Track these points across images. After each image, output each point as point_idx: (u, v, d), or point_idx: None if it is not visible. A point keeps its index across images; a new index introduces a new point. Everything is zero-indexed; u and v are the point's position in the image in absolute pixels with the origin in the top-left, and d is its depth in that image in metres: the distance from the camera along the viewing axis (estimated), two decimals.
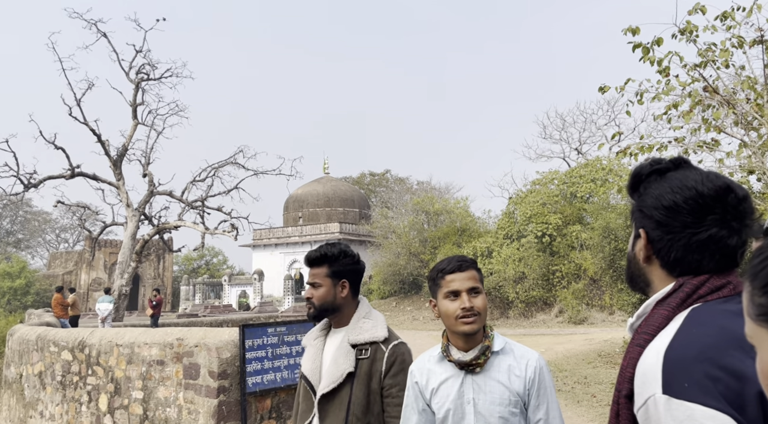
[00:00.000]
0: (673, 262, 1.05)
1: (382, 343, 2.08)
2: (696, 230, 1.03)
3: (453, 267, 1.86)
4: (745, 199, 1.05)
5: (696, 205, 1.04)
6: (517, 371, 1.75)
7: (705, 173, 1.08)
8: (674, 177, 1.08)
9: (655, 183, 1.10)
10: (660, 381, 0.88)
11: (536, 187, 26.27)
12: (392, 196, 45.28)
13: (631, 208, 1.17)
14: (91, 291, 39.74)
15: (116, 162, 22.24)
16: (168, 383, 6.30)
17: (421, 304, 29.12)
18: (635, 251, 1.13)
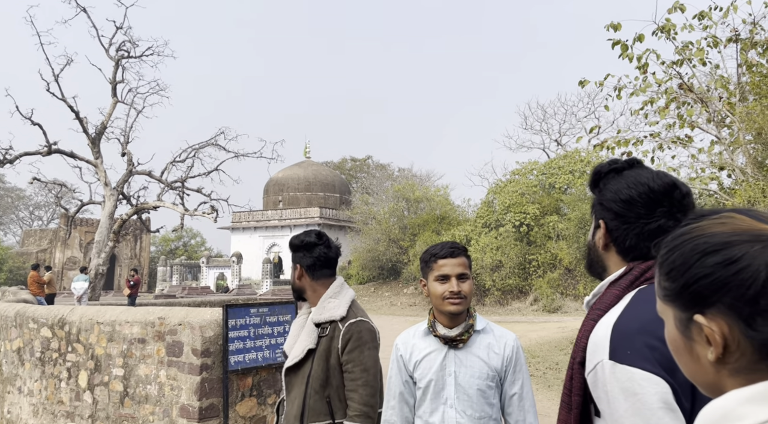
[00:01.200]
0: (628, 248, 1.22)
1: (339, 321, 2.22)
2: (648, 220, 1.20)
3: (445, 253, 2.00)
4: (688, 195, 1.22)
5: (648, 199, 1.21)
6: (496, 349, 1.92)
7: (655, 172, 1.25)
8: (629, 175, 1.25)
9: (613, 180, 1.27)
10: (608, 349, 1.04)
11: (515, 178, 26.58)
12: (373, 183, 45.35)
13: (592, 202, 1.34)
14: (65, 270, 39.25)
15: (95, 140, 21.92)
16: (149, 361, 6.38)
17: (399, 290, 29.39)
18: (595, 240, 1.30)
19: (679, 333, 0.73)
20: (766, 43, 7.13)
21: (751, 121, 5.85)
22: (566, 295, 22.69)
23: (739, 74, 7.14)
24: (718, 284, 0.66)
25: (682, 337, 0.73)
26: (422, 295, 27.20)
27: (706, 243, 0.68)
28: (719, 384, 0.68)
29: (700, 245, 0.69)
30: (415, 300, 27.52)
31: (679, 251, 0.71)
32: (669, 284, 0.73)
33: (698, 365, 0.71)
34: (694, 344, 0.71)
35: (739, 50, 7.27)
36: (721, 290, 0.66)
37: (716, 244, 0.67)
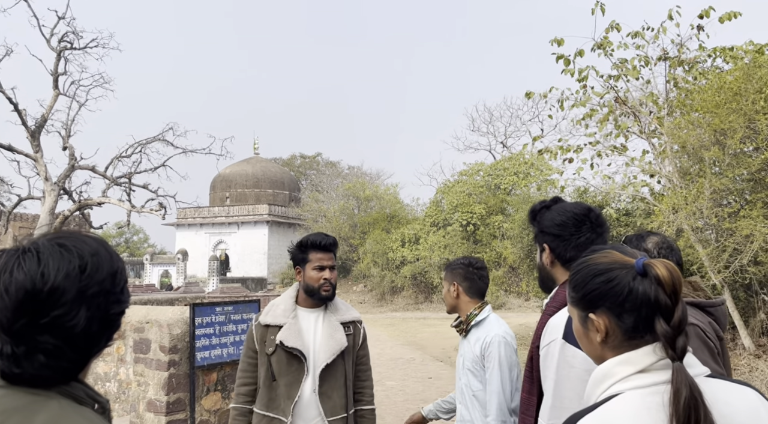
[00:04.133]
0: (569, 259, 1.64)
1: (358, 322, 2.55)
2: (579, 236, 1.65)
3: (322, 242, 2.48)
4: (601, 215, 1.72)
5: (575, 221, 1.67)
6: (480, 341, 2.33)
7: (574, 203, 1.75)
8: (556, 208, 1.73)
9: (546, 213, 1.74)
10: (562, 332, 1.44)
11: (463, 178, 27.34)
12: (323, 180, 45.39)
13: (534, 233, 1.78)
14: None
15: (34, 133, 21.11)
16: (108, 359, 6.45)
17: (349, 287, 29.66)
18: (543, 261, 1.74)
19: (580, 325, 1.11)
20: (692, 62, 7.84)
21: (676, 134, 6.48)
22: (510, 292, 23.59)
23: (667, 90, 7.82)
24: (602, 295, 1.03)
25: (582, 328, 1.10)
26: (372, 292, 27.62)
27: (595, 269, 1.06)
28: (603, 356, 1.06)
29: (591, 270, 1.07)
30: (364, 297, 27.88)
31: (580, 273, 1.09)
32: (574, 294, 1.10)
33: (592, 345, 1.09)
34: (588, 332, 1.08)
35: (668, 68, 7.95)
36: (603, 298, 1.03)
37: (601, 270, 1.05)
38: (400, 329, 17.19)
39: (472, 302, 2.46)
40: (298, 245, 2.49)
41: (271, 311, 2.46)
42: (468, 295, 2.47)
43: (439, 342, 13.92)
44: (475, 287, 2.48)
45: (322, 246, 2.42)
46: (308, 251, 2.43)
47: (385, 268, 26.39)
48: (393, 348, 12.90)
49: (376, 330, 17.06)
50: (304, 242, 2.47)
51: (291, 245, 2.57)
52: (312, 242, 2.43)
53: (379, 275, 26.32)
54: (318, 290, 2.39)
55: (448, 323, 12.88)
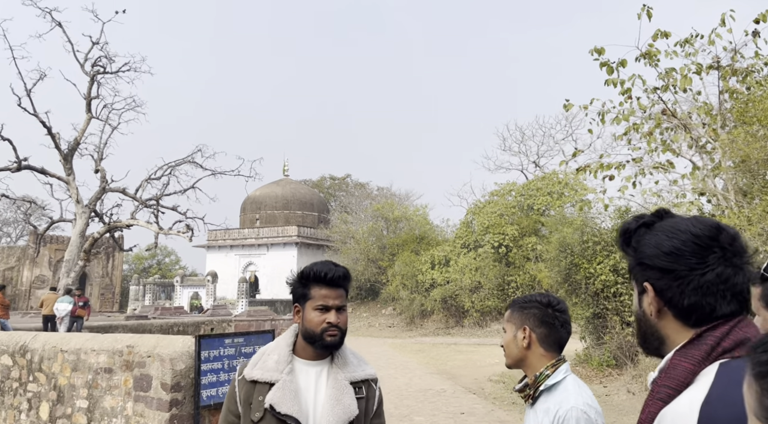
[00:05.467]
0: (687, 309, 1.03)
1: (373, 381, 1.95)
2: (702, 270, 1.02)
3: None
4: (737, 237, 1.07)
5: (696, 247, 1.04)
6: (551, 414, 1.72)
7: (691, 218, 1.10)
8: (663, 226, 1.09)
9: (647, 235, 1.10)
10: None
11: (494, 198, 26.66)
12: (352, 201, 45.17)
13: (629, 265, 1.15)
14: (33, 288, 38.06)
15: (67, 156, 21.39)
16: (116, 392, 6.03)
17: (378, 310, 29.08)
18: (643, 308, 1.10)
19: None
20: (746, 71, 7.20)
21: (735, 148, 5.84)
22: None
23: (720, 101, 7.17)
24: None
25: None
26: (401, 315, 26.95)
27: None
28: None
29: None
30: (393, 321, 27.23)
31: None
32: None
33: None
34: None
35: (720, 77, 7.31)
36: None
37: None
38: (430, 356, 16.51)
39: (547, 356, 1.81)
40: (298, 277, 1.91)
41: (261, 361, 1.87)
42: (543, 346, 1.82)
43: (472, 372, 13.21)
44: (553, 337, 1.83)
45: (328, 279, 1.84)
46: (310, 285, 1.86)
47: (414, 291, 25.75)
48: (422, 378, 12.26)
49: (405, 357, 16.43)
50: (306, 272, 1.88)
51: (291, 275, 2.00)
52: (315, 273, 1.85)
53: (409, 297, 25.69)
54: (321, 336, 1.82)
55: (481, 350, 12.20)
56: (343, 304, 1.88)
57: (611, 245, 11.52)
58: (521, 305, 1.89)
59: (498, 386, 11.07)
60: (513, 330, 1.87)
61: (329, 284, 1.86)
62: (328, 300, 1.84)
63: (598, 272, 11.30)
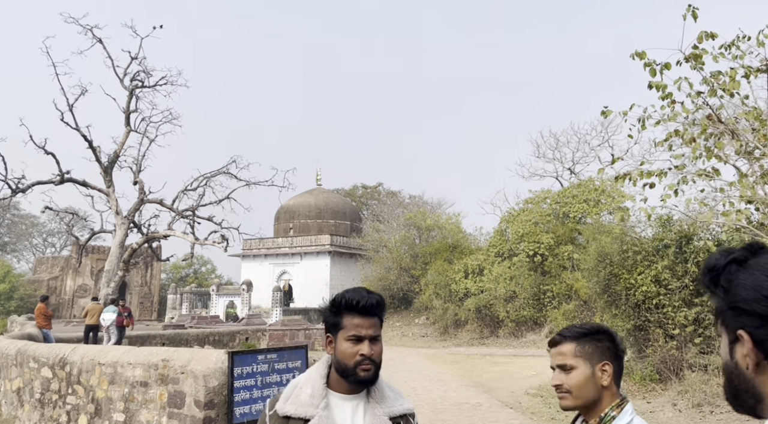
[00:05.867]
0: None
1: (411, 416, 1.84)
2: None
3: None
4: None
5: None
6: None
7: None
8: (761, 264, 0.92)
9: (741, 273, 0.94)
10: None
11: (528, 206, 26.23)
12: (384, 210, 45.16)
13: (716, 308, 0.99)
14: (76, 297, 39.15)
15: (107, 169, 21.97)
16: (151, 406, 6.05)
17: (411, 320, 28.87)
18: (736, 360, 0.94)
19: None
20: None
21: None
22: None
23: None
24: None
25: None
26: (434, 325, 26.70)
27: None
28: None
29: None
30: (426, 331, 26.98)
31: None
32: None
33: None
34: None
35: None
36: None
37: None
38: (465, 367, 16.24)
39: (614, 394, 1.62)
40: (330, 305, 1.81)
41: (293, 395, 1.77)
42: (615, 384, 1.63)
43: (508, 384, 12.92)
44: (619, 372, 1.65)
45: (360, 308, 1.74)
46: (342, 314, 1.75)
47: (447, 300, 25.48)
48: (457, 390, 12.04)
49: (440, 368, 16.21)
50: (338, 300, 1.78)
51: (323, 305, 1.87)
52: (348, 301, 1.75)
53: (442, 307, 25.43)
54: (354, 370, 1.72)
55: (517, 362, 11.93)
56: (378, 334, 1.77)
57: (652, 255, 11.13)
58: (594, 338, 1.66)
59: (536, 400, 10.79)
60: (588, 367, 1.62)
61: (362, 312, 1.74)
62: (360, 330, 1.73)
63: (639, 282, 10.92)
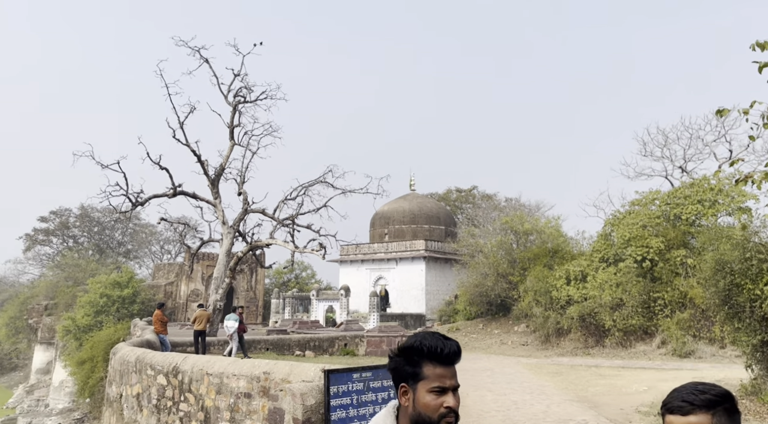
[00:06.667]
0: None
1: None
2: None
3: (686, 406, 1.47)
4: None
5: None
6: None
7: None
8: None
9: None
10: None
11: (635, 208, 24.67)
12: (479, 214, 44.41)
13: None
14: (189, 302, 41.94)
15: (214, 181, 23.35)
16: (255, 417, 6.26)
17: (510, 327, 28.13)
18: None
19: None
20: None
21: None
22: (699, 338, 20.38)
23: None
24: None
25: None
26: (535, 333, 25.83)
27: None
28: None
29: None
30: (527, 339, 26.15)
31: None
32: None
33: None
34: None
35: None
36: None
37: None
38: (569, 380, 15.50)
39: None
40: (406, 352, 1.66)
41: None
42: None
43: (617, 399, 12.16)
44: None
45: (444, 356, 1.63)
46: (422, 363, 1.63)
47: (548, 307, 24.54)
48: (561, 405, 11.49)
49: (541, 379, 15.59)
50: (416, 347, 1.64)
51: (393, 351, 1.71)
52: (430, 348, 1.63)
53: (542, 315, 24.52)
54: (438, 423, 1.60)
55: (626, 375, 11.17)
56: (458, 384, 1.66)
57: None
58: (724, 406, 1.45)
59: (648, 419, 10.05)
60: None
61: (445, 361, 1.64)
62: (445, 381, 1.63)
63: (767, 293, 9.87)
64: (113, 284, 35.25)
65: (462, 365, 1.66)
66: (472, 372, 17.05)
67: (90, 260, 48.83)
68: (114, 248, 58.56)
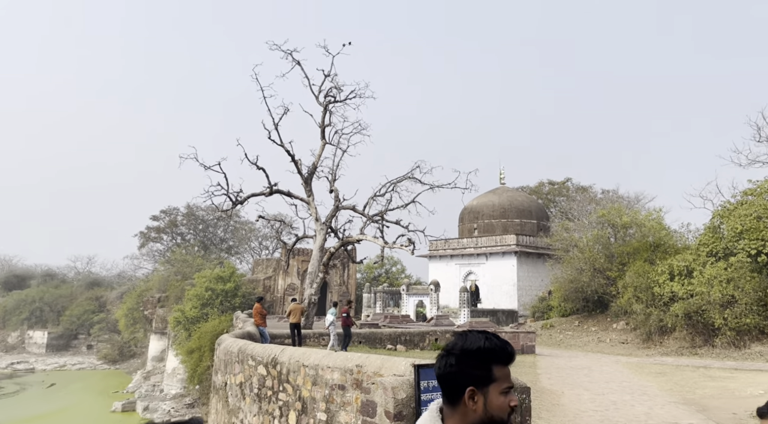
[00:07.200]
0: None
1: None
2: None
3: None
4: None
5: None
6: None
7: None
8: None
9: None
10: None
11: (748, 198, 22.75)
12: (573, 207, 42.79)
13: None
14: (286, 295, 43.78)
15: (307, 180, 24.17)
16: (348, 408, 6.48)
17: (607, 324, 26.95)
18: None
19: None
20: None
21: None
22: None
23: None
24: None
25: None
26: (635, 331, 24.56)
27: None
28: None
29: None
30: (626, 337, 24.95)
31: None
32: None
33: None
34: None
35: None
36: None
37: None
38: (673, 381, 14.65)
39: None
40: (474, 355, 1.64)
41: None
42: None
43: (729, 403, 11.35)
44: None
45: (510, 356, 1.66)
46: (492, 365, 1.63)
47: (649, 304, 23.24)
48: (664, 407, 10.90)
49: (643, 379, 14.84)
50: (486, 349, 1.64)
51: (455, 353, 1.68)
52: (499, 350, 1.64)
53: (644, 312, 23.27)
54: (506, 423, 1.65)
55: (740, 377, 10.46)
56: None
57: None
58: None
59: None
60: None
61: (509, 361, 1.68)
62: (510, 381, 1.67)
63: None
64: (217, 279, 37.48)
65: (557, 363, 1.65)
66: (568, 370, 16.54)
67: (196, 256, 52.20)
68: (217, 245, 62.22)
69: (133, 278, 66.34)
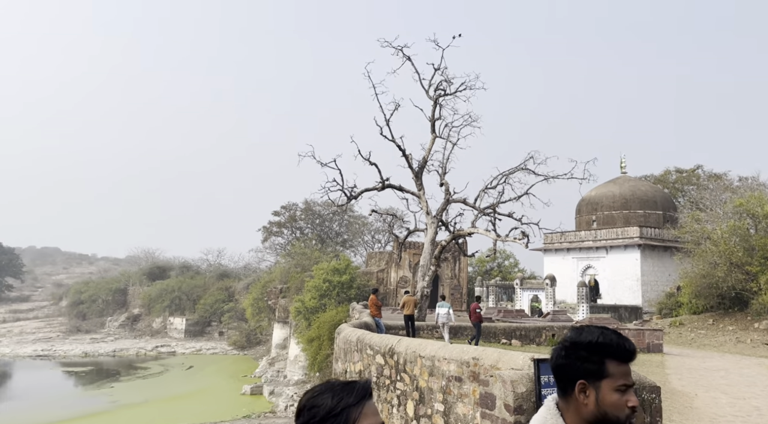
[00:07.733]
0: None
1: None
2: None
3: None
4: None
5: None
6: None
7: None
8: None
9: None
10: None
11: None
12: (705, 196, 39.30)
13: None
14: (398, 287, 44.53)
15: (417, 174, 24.40)
16: (466, 400, 6.54)
17: (748, 324, 24.59)
18: None
19: None
20: None
21: None
22: None
23: None
24: None
25: None
26: None
27: None
28: None
29: None
30: None
31: None
32: None
33: None
34: None
35: None
36: None
37: None
38: None
39: None
40: (587, 348, 1.61)
41: None
42: None
43: None
44: None
45: (628, 353, 1.61)
46: (605, 360, 1.59)
47: None
48: None
49: None
50: (600, 343, 1.61)
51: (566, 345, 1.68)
52: (616, 345, 1.60)
53: None
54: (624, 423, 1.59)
55: None
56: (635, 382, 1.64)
57: None
58: None
59: None
60: None
61: (628, 358, 1.62)
62: (629, 379, 1.61)
63: None
64: (333, 271, 38.98)
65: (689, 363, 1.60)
66: (702, 371, 15.35)
67: (314, 249, 54.61)
68: (332, 238, 64.66)
69: (257, 269, 70.72)
